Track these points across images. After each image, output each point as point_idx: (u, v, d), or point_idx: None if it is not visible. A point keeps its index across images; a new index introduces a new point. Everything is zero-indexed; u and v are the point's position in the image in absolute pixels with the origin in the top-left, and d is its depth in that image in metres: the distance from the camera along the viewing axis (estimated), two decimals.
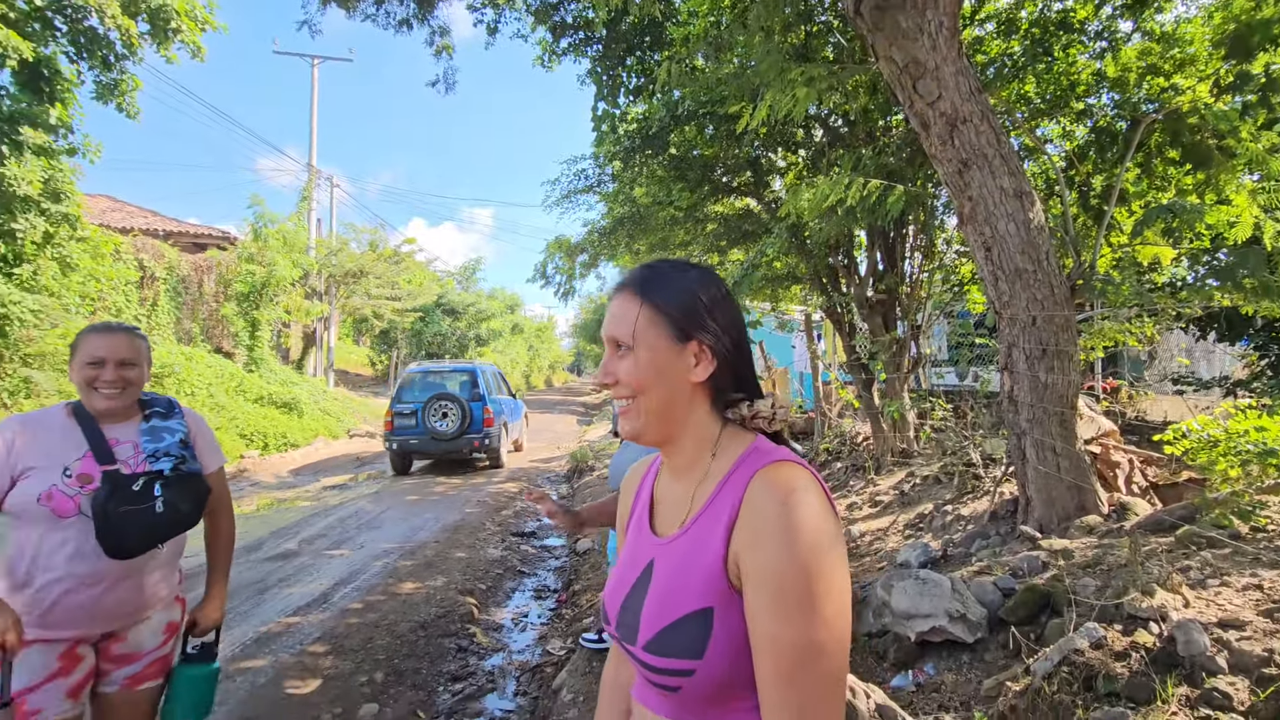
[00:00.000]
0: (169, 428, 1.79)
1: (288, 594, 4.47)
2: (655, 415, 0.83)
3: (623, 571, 0.88)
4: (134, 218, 17.53)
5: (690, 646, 0.74)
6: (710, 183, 6.18)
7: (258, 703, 3.00)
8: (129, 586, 1.67)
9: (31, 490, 1.59)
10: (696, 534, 0.78)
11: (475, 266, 31.90)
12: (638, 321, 0.83)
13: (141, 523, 1.63)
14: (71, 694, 1.61)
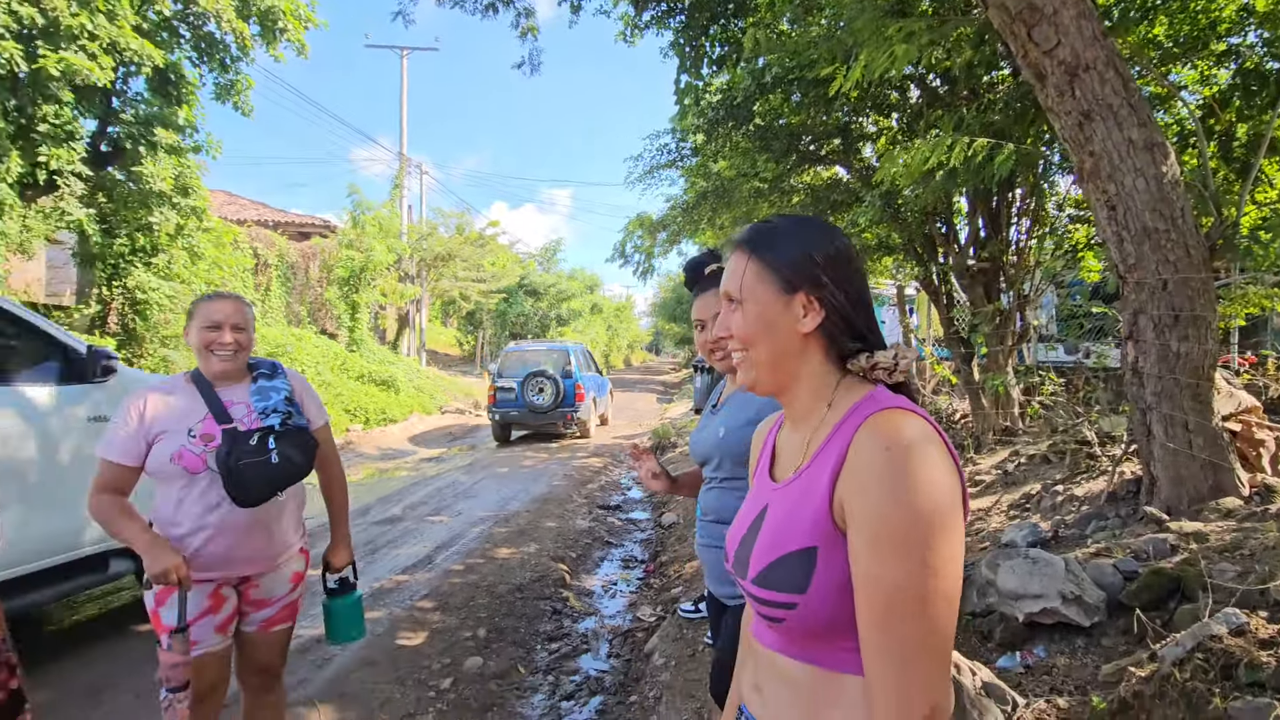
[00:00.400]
0: (274, 387, 1.94)
1: (396, 554, 4.78)
2: (766, 366, 0.86)
3: (743, 516, 0.92)
4: (246, 210, 18.92)
5: (794, 581, 0.77)
6: (797, 152, 6.00)
7: (376, 649, 3.25)
8: (259, 534, 1.85)
9: (164, 452, 1.77)
10: (807, 479, 0.81)
11: (556, 247, 32.48)
12: (745, 276, 0.87)
13: (261, 474, 1.79)
14: (220, 629, 1.82)
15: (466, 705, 2.93)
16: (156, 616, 1.76)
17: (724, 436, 1.59)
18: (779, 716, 0.84)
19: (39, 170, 7.36)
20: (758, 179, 6.14)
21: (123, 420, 1.79)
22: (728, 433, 1.58)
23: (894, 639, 0.69)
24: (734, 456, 1.56)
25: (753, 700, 0.90)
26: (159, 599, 1.75)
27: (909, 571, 0.68)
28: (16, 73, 6.72)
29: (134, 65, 7.90)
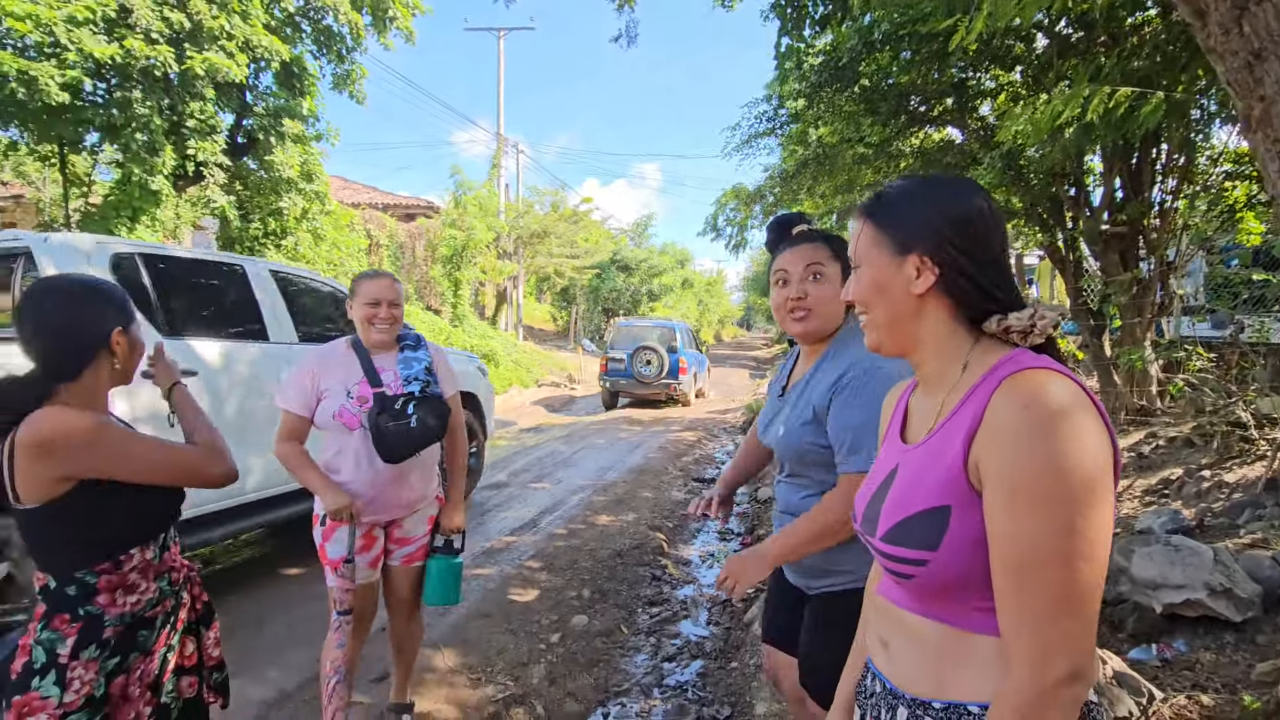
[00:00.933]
0: (417, 357, 2.14)
1: (503, 517, 5.06)
2: (885, 329, 0.88)
3: (872, 476, 0.93)
4: (359, 194, 20.15)
5: (925, 538, 0.77)
6: (905, 114, 5.68)
7: (490, 602, 3.47)
8: (402, 485, 2.09)
9: (328, 409, 2.02)
10: (940, 440, 0.81)
11: (647, 223, 32.55)
12: (860, 240, 0.90)
13: (402, 436, 2.00)
14: (372, 564, 2.10)
15: (574, 659, 3.08)
16: (323, 550, 2.03)
17: (783, 436, 1.51)
18: (906, 672, 0.84)
19: (188, 162, 8.16)
20: (862, 144, 5.87)
21: (297, 377, 2.06)
22: (787, 433, 1.50)
23: (1029, 597, 0.68)
24: (794, 457, 1.50)
25: (878, 655, 0.90)
26: (325, 535, 2.02)
27: (1044, 529, 0.67)
28: (169, 74, 7.45)
29: (264, 61, 8.55)
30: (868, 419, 1.29)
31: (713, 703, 2.82)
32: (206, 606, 1.44)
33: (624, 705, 2.83)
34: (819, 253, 1.48)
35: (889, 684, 0.86)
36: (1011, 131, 3.70)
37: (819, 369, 1.47)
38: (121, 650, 1.22)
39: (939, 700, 0.79)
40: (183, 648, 1.38)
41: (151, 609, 1.27)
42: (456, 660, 2.88)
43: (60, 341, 1.21)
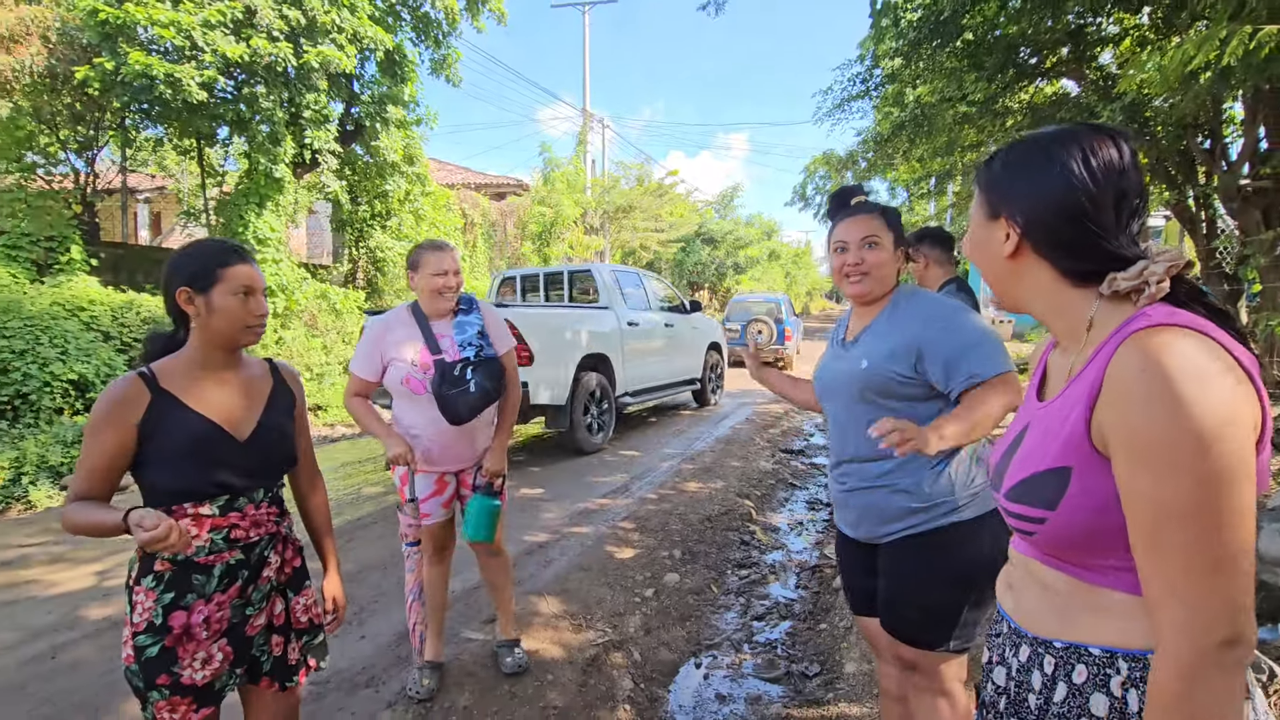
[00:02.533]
0: (470, 321, 2.29)
1: (596, 481, 5.29)
2: (994, 287, 0.93)
3: (1007, 433, 0.96)
4: (454, 174, 20.97)
5: (1043, 498, 0.80)
6: (1014, 67, 5.33)
7: (588, 558, 3.69)
8: (468, 440, 2.31)
9: (395, 376, 2.23)
10: (1065, 400, 0.81)
11: (733, 194, 32.01)
12: (972, 204, 0.94)
13: (463, 401, 2.18)
14: (444, 505, 2.35)
15: (668, 613, 3.25)
16: (402, 491, 2.28)
17: (866, 369, 1.58)
18: (1030, 613, 0.88)
19: (305, 151, 8.83)
20: (964, 103, 5.57)
21: (366, 345, 2.27)
22: (871, 365, 1.57)
23: (1167, 560, 0.67)
24: (877, 387, 1.57)
25: (1005, 599, 0.95)
26: (403, 479, 2.26)
27: (1172, 492, 0.66)
28: (288, 69, 8.05)
29: (369, 51, 9.07)
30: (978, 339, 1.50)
31: (802, 660, 2.91)
32: (297, 572, 1.52)
33: (715, 657, 2.97)
34: (874, 223, 1.60)
35: (1013, 623, 0.90)
36: (1136, 81, 3.43)
37: (889, 317, 1.61)
38: (176, 588, 1.31)
39: (1060, 640, 0.82)
40: (272, 606, 1.46)
41: (205, 555, 1.34)
42: (559, 607, 3.11)
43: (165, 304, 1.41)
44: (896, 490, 1.55)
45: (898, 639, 1.59)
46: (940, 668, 1.54)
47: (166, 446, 1.31)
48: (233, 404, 1.40)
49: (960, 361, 1.49)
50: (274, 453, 1.45)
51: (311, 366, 8.74)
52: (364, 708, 2.33)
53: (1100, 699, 0.78)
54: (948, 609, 1.52)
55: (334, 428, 8.11)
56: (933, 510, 1.52)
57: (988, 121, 5.84)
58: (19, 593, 3.41)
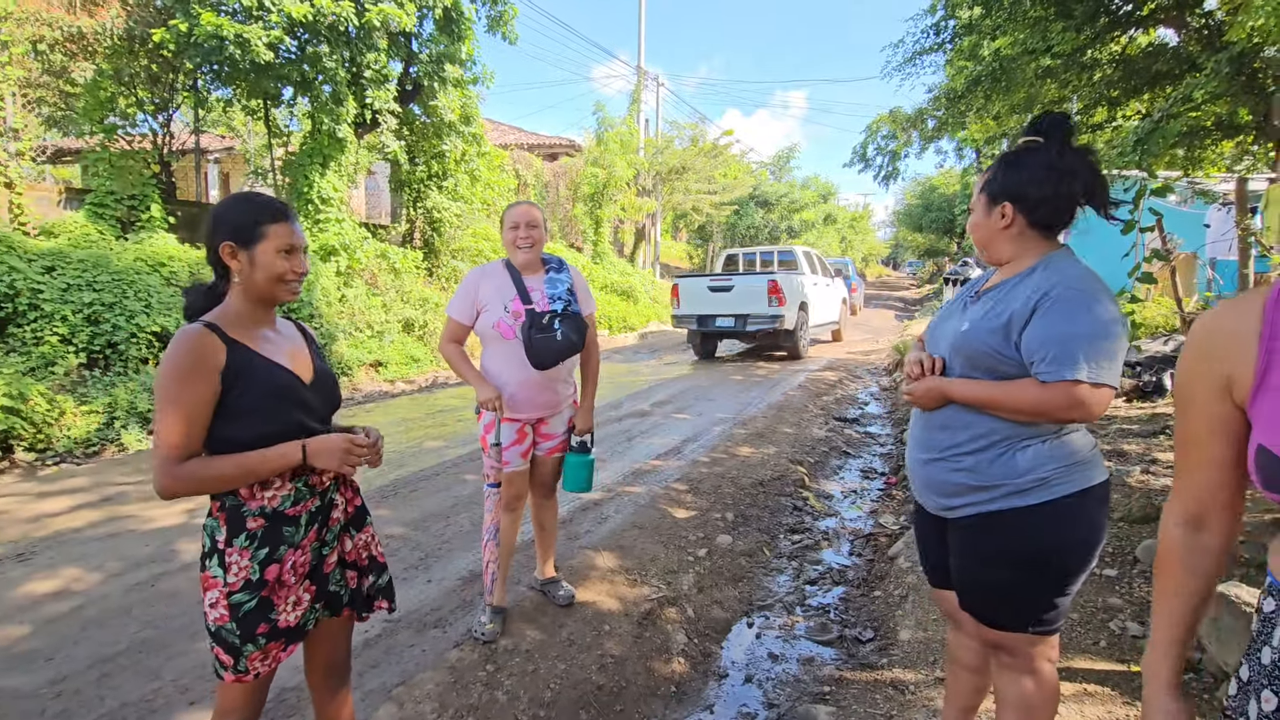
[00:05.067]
0: (560, 279, 2.46)
1: (649, 443, 5.35)
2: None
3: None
4: (507, 135, 20.96)
5: None
6: (1107, 15, 4.94)
7: (642, 516, 3.76)
8: (549, 389, 2.43)
9: (489, 320, 2.36)
10: None
11: (789, 155, 31.09)
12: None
13: (550, 346, 2.33)
14: (523, 455, 2.47)
15: (720, 573, 3.30)
16: (484, 440, 2.41)
17: (966, 331, 1.49)
18: None
19: (365, 111, 8.97)
20: (1049, 55, 5.20)
21: (462, 292, 2.42)
22: (971, 329, 1.48)
23: None
24: (967, 353, 1.48)
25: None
26: (486, 428, 2.39)
27: None
28: (350, 28, 8.13)
29: (427, 9, 9.06)
30: (1075, 332, 1.34)
31: (855, 625, 2.92)
32: (358, 510, 1.57)
33: (767, 618, 3.01)
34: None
35: None
36: (1247, 28, 3.14)
37: (1022, 281, 1.46)
38: (269, 542, 1.35)
39: None
40: (342, 544, 1.51)
41: (292, 506, 1.38)
42: (615, 563, 3.19)
43: (207, 255, 1.41)
44: (959, 468, 1.50)
45: (976, 619, 1.57)
46: (1028, 648, 1.51)
47: (251, 395, 1.32)
48: (291, 353, 1.45)
49: (1041, 350, 1.37)
50: (333, 394, 1.52)
51: (372, 324, 9.03)
52: (433, 646, 2.46)
53: None
54: (1020, 593, 1.47)
55: (394, 384, 8.41)
56: (993, 491, 1.45)
57: (1073, 75, 5.45)
58: (119, 526, 3.71)
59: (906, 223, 34.95)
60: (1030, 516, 1.43)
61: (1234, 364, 0.84)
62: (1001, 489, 1.45)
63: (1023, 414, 1.41)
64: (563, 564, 3.09)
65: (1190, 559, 0.93)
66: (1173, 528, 0.95)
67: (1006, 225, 1.49)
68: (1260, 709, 0.80)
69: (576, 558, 3.20)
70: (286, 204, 1.44)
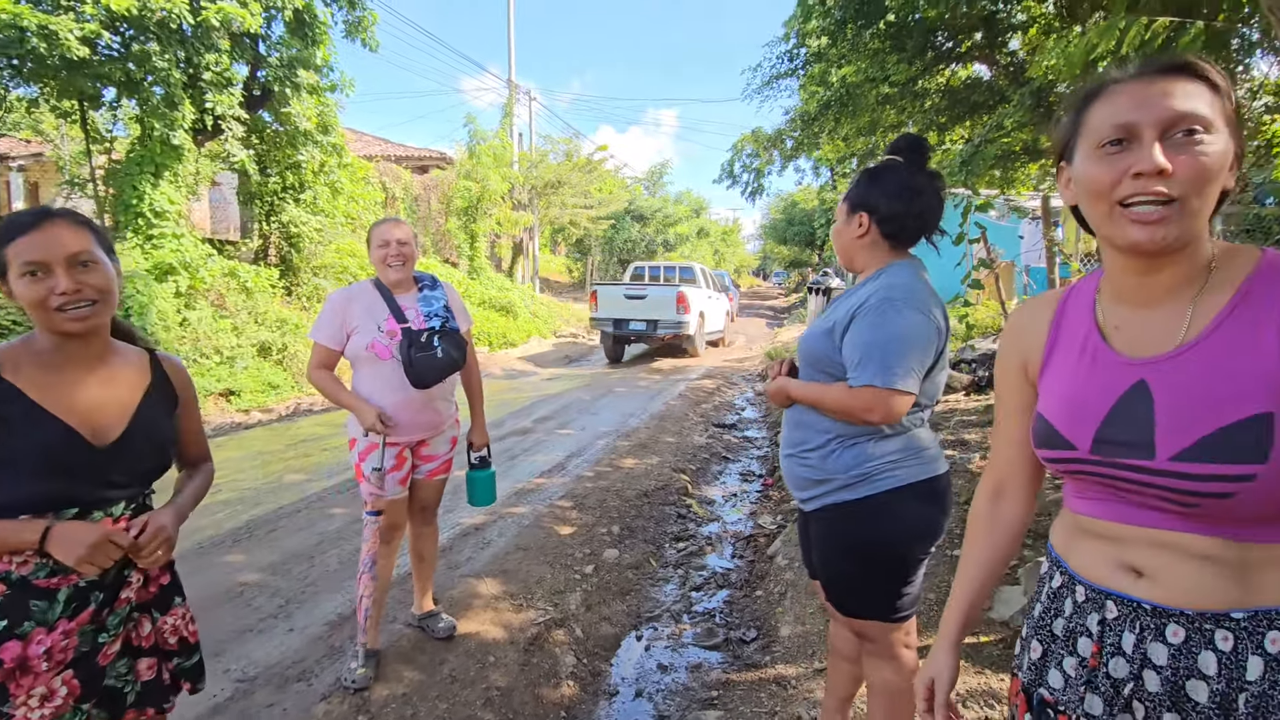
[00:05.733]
0: (435, 296, 2.40)
1: (532, 461, 5.24)
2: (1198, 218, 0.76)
3: (1076, 397, 0.86)
4: (372, 145, 19.96)
5: (1250, 451, 0.71)
6: (932, 50, 5.53)
7: (526, 537, 3.66)
8: (429, 409, 2.36)
9: (361, 342, 2.25)
10: (1225, 341, 0.75)
11: (662, 170, 32.01)
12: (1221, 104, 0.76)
13: (433, 364, 2.26)
14: (401, 482, 2.36)
15: (608, 588, 3.27)
16: (359, 469, 2.30)
17: (805, 337, 1.64)
18: (1186, 591, 0.77)
19: (206, 116, 8.17)
20: (887, 84, 5.73)
21: (329, 315, 2.28)
22: (809, 334, 1.63)
23: None
24: (806, 356, 1.62)
25: (1110, 579, 0.83)
26: (361, 456, 2.28)
27: None
28: (184, 26, 7.39)
29: (275, 10, 8.43)
30: (878, 340, 1.45)
31: (739, 626, 3.00)
32: (165, 590, 1.32)
33: (656, 629, 3.02)
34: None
35: (1149, 604, 0.79)
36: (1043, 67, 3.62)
37: (859, 289, 1.58)
38: (7, 614, 1.11)
39: (1241, 610, 0.75)
40: (139, 629, 1.27)
41: (47, 577, 1.14)
42: (499, 589, 3.07)
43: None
44: (805, 463, 1.60)
45: (835, 608, 1.66)
46: (887, 635, 1.59)
47: (5, 448, 1.10)
48: (95, 403, 1.19)
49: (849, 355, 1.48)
50: (144, 459, 1.24)
51: (221, 349, 8.19)
52: (297, 703, 2.24)
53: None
54: (863, 583, 1.57)
55: (249, 414, 7.67)
56: (828, 484, 1.55)
57: (908, 102, 6.06)
58: None
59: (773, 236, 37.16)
60: (857, 510, 1.53)
61: (1030, 349, 0.95)
62: (833, 483, 1.54)
63: (837, 414, 1.52)
64: (443, 595, 2.94)
65: (990, 528, 1.02)
66: (979, 500, 1.06)
67: (862, 234, 1.59)
68: (1065, 674, 0.87)
69: (458, 587, 3.06)
70: (43, 211, 1.15)
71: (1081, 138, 0.82)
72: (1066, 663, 0.87)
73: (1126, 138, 0.76)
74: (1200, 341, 0.77)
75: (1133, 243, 0.77)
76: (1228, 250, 0.80)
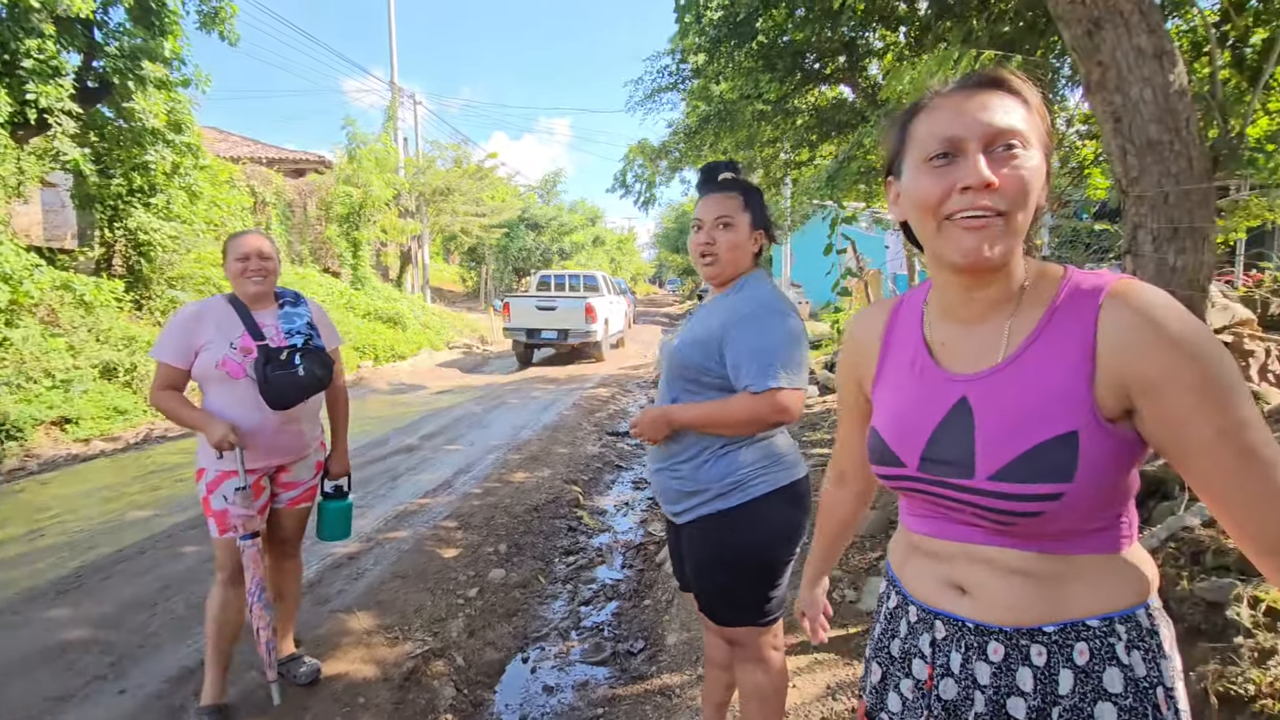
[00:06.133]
0: (298, 313, 2.25)
1: (416, 480, 5.01)
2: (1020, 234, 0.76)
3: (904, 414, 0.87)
4: (239, 146, 18.50)
5: (1058, 470, 0.72)
6: (801, 71, 5.84)
7: (406, 563, 3.47)
8: (290, 432, 2.18)
9: (210, 359, 2.06)
10: (1034, 362, 0.76)
11: (556, 179, 31.82)
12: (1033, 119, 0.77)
13: (291, 383, 2.10)
14: (260, 511, 2.15)
15: (493, 611, 3.16)
16: (206, 502, 2.09)
17: (676, 348, 1.63)
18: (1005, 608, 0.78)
19: (28, 109, 7.23)
20: (760, 100, 5.99)
21: (175, 331, 2.08)
22: (680, 345, 1.63)
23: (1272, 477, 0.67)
24: (676, 367, 1.62)
25: (949, 599, 0.83)
26: (209, 488, 2.07)
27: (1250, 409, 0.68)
28: None
29: None
30: (771, 345, 1.50)
31: (627, 638, 2.99)
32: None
33: (543, 649, 2.95)
34: (730, 204, 1.60)
35: (972, 622, 0.80)
36: (895, 90, 3.90)
37: (722, 300, 1.61)
38: None
39: (1053, 623, 0.76)
40: None
41: None
42: (373, 622, 2.89)
43: None
44: (677, 475, 1.61)
45: (708, 618, 1.68)
46: (756, 639, 1.63)
47: None
48: None
49: (745, 364, 1.49)
50: None
51: (53, 371, 7.24)
52: None
53: (1114, 674, 0.75)
54: (737, 590, 1.60)
55: (90, 444, 6.82)
56: (702, 495, 1.58)
57: (781, 119, 6.36)
58: None
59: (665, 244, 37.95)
60: (732, 518, 1.56)
61: (863, 362, 0.97)
62: (707, 493, 1.57)
63: (741, 426, 1.53)
64: (308, 635, 2.73)
65: (836, 507, 1.17)
66: (826, 486, 1.19)
67: (756, 251, 1.64)
68: (903, 697, 0.88)
69: (325, 625, 2.85)
70: None
71: (908, 152, 0.81)
72: (904, 685, 0.88)
73: (952, 151, 0.75)
74: (1013, 360, 0.77)
75: (964, 250, 0.75)
76: (1039, 269, 0.81)
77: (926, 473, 0.82)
